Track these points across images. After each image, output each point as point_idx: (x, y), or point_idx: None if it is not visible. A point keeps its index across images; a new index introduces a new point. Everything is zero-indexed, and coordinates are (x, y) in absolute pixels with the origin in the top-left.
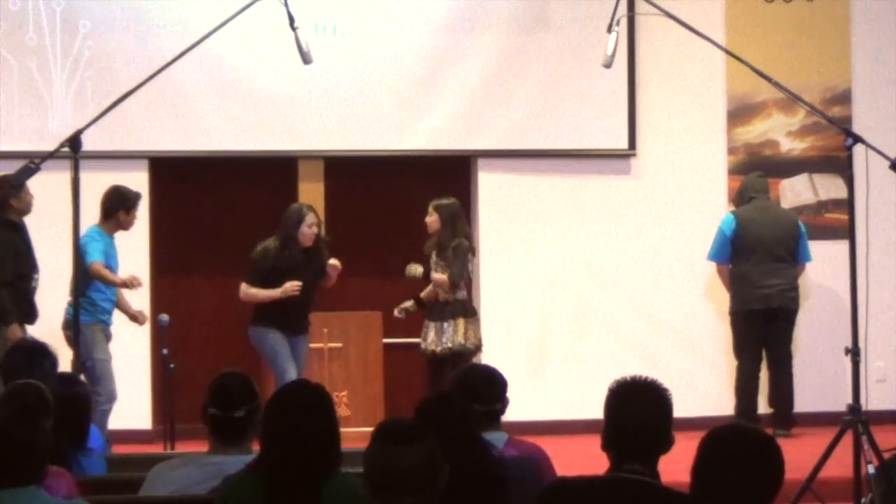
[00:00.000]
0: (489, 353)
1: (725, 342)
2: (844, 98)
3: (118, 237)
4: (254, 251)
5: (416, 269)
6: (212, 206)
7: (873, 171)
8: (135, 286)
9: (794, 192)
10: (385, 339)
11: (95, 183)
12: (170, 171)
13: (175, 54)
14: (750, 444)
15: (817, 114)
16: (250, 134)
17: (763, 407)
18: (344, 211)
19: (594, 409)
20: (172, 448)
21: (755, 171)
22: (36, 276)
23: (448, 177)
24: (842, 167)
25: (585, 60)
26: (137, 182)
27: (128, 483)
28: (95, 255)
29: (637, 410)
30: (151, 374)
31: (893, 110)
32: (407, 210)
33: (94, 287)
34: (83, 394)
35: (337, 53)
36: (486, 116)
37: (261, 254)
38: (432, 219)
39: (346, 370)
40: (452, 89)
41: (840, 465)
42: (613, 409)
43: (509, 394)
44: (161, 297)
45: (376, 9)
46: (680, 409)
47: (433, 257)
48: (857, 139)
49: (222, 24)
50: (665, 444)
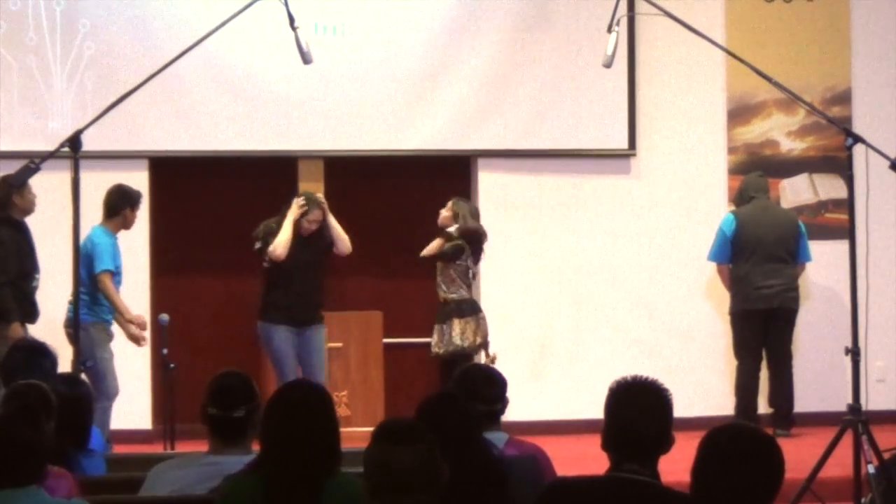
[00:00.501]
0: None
1: (725, 342)
2: (844, 98)
3: (118, 236)
4: (258, 229)
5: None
6: (212, 205)
7: (873, 171)
8: (140, 333)
9: (794, 192)
10: (385, 339)
11: (95, 183)
12: (170, 171)
13: (175, 54)
14: (750, 444)
15: (817, 114)
16: (250, 134)
17: (763, 407)
18: (344, 211)
19: (594, 409)
20: (172, 448)
21: (755, 170)
22: (37, 276)
23: (448, 177)
24: (842, 167)
25: (585, 60)
26: (138, 182)
27: (128, 483)
28: (107, 265)
29: (637, 410)
30: (151, 374)
31: (893, 110)
32: (407, 210)
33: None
34: (85, 395)
35: (337, 53)
36: (486, 116)
37: (266, 225)
38: (446, 214)
39: (346, 370)
40: (452, 89)
41: (840, 465)
42: (614, 409)
43: (509, 394)
44: (161, 297)
45: (376, 9)
46: (680, 409)
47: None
48: (857, 139)
49: (222, 24)
50: (665, 444)
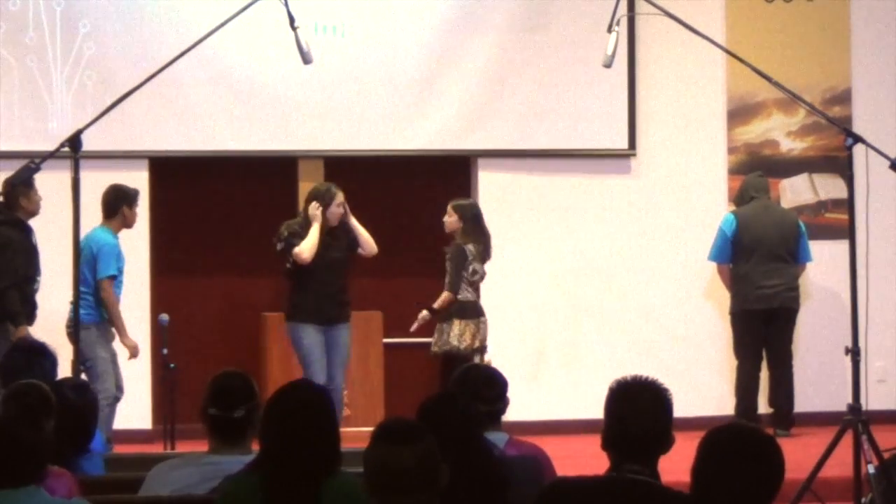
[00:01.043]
0: (489, 353)
1: (725, 342)
2: (844, 98)
3: (119, 236)
4: (281, 230)
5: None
6: (212, 205)
7: (873, 171)
8: (133, 354)
9: (794, 191)
10: (385, 339)
11: (95, 183)
12: (170, 171)
13: (175, 54)
14: (750, 443)
15: (817, 114)
16: (250, 134)
17: (763, 407)
18: None
19: (594, 409)
20: (172, 448)
21: (755, 170)
22: (38, 279)
23: (448, 177)
24: (842, 167)
25: (585, 60)
26: (137, 182)
27: (128, 483)
28: (111, 270)
29: (637, 410)
30: (151, 374)
31: (893, 110)
32: (407, 210)
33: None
34: (92, 403)
35: (337, 53)
36: (486, 116)
37: (292, 224)
38: (452, 219)
39: (346, 370)
40: (452, 89)
41: (840, 465)
42: (614, 409)
43: (509, 393)
44: (161, 297)
45: (376, 9)
46: (680, 409)
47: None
48: (857, 139)
49: (222, 24)
50: (665, 444)
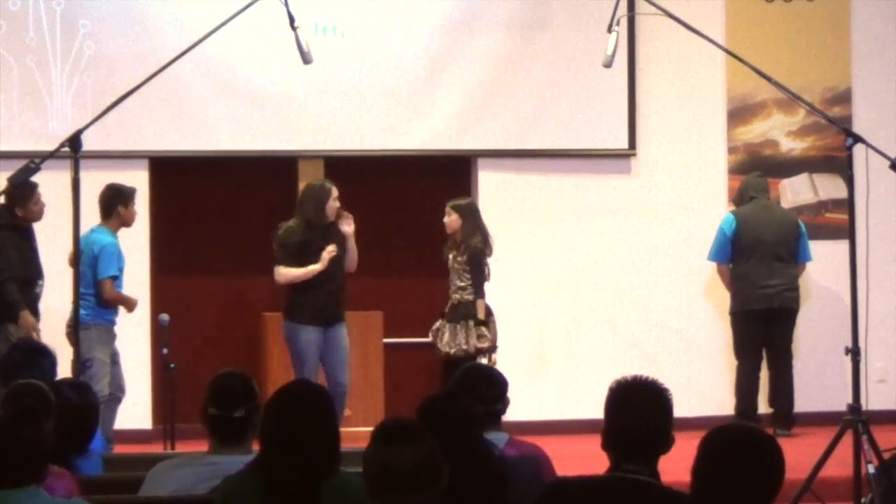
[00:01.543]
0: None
1: (725, 342)
2: (844, 98)
3: (119, 235)
4: (277, 232)
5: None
6: (212, 205)
7: (873, 171)
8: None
9: (794, 191)
10: (385, 339)
11: (95, 183)
12: (170, 171)
13: (175, 54)
14: (750, 443)
15: (817, 114)
16: (250, 134)
17: (763, 407)
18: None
19: (594, 409)
20: (172, 448)
21: (755, 170)
22: (40, 282)
23: (448, 177)
24: (842, 167)
25: (585, 60)
26: (137, 182)
27: (128, 483)
28: (112, 271)
29: (637, 410)
30: (151, 374)
31: (893, 110)
32: (407, 210)
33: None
34: (93, 403)
35: (337, 53)
36: (486, 116)
37: (286, 232)
38: (451, 218)
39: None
40: (452, 89)
41: (840, 465)
42: (614, 409)
43: (509, 393)
44: (161, 297)
45: (376, 9)
46: (680, 409)
47: (452, 257)
48: (857, 139)
49: (222, 24)
50: (665, 444)
